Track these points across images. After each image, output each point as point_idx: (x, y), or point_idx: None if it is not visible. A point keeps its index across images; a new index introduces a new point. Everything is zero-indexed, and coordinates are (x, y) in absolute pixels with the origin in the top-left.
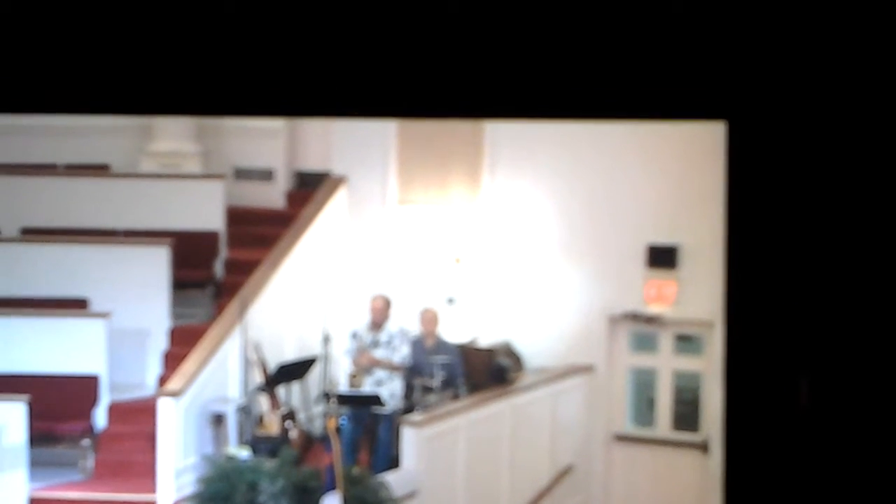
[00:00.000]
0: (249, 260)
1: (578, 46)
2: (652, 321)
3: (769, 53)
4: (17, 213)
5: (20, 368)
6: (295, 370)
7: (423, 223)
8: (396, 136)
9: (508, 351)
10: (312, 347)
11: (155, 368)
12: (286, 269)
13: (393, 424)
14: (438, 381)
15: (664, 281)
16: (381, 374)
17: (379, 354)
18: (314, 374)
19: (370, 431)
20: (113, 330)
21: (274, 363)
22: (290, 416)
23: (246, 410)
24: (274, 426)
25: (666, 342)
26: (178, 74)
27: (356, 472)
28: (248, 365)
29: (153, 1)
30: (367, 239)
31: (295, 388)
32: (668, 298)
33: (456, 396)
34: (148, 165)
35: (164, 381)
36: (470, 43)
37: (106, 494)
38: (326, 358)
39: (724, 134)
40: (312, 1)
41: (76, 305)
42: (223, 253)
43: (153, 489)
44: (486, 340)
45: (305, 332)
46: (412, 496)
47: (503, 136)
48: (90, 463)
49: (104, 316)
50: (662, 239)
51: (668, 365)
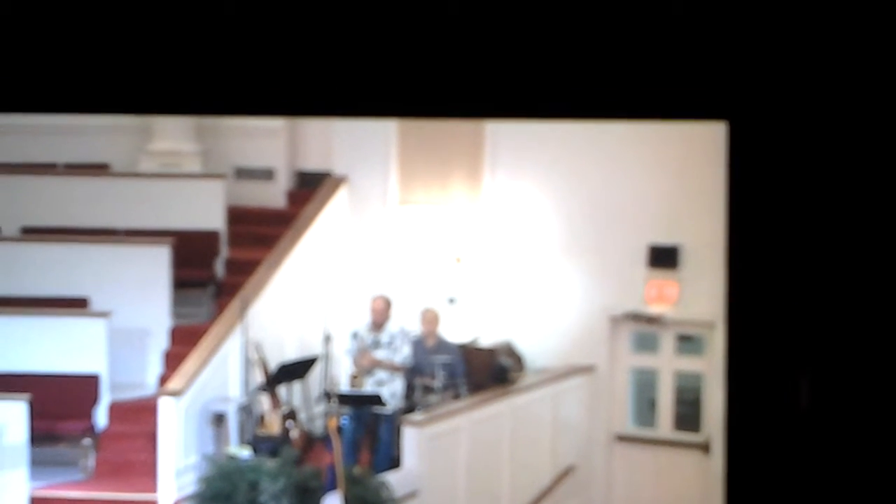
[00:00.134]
0: (250, 259)
1: (579, 47)
2: (653, 321)
3: (770, 54)
4: (17, 212)
5: (21, 368)
6: (296, 370)
7: (423, 223)
8: (397, 135)
9: (509, 351)
10: (313, 347)
11: (156, 368)
12: (287, 268)
13: (394, 424)
14: (439, 381)
15: (665, 281)
16: (382, 374)
17: (380, 355)
18: (315, 373)
19: (371, 431)
20: (113, 329)
21: (275, 363)
22: (291, 415)
23: (247, 410)
24: (275, 426)
25: (667, 342)
26: (178, 74)
27: (357, 471)
28: (248, 364)
29: (153, 1)
30: (367, 239)
31: (296, 387)
32: (669, 299)
33: (457, 396)
34: (148, 165)
35: (164, 380)
36: (471, 43)
37: (107, 494)
38: (327, 357)
39: (725, 134)
40: (313, 1)
41: (77, 305)
42: (224, 252)
43: (154, 488)
44: (487, 340)
45: (306, 331)
46: (413, 496)
47: (504, 135)
48: (91, 462)
49: (105, 315)
50: (663, 239)
51: (669, 365)
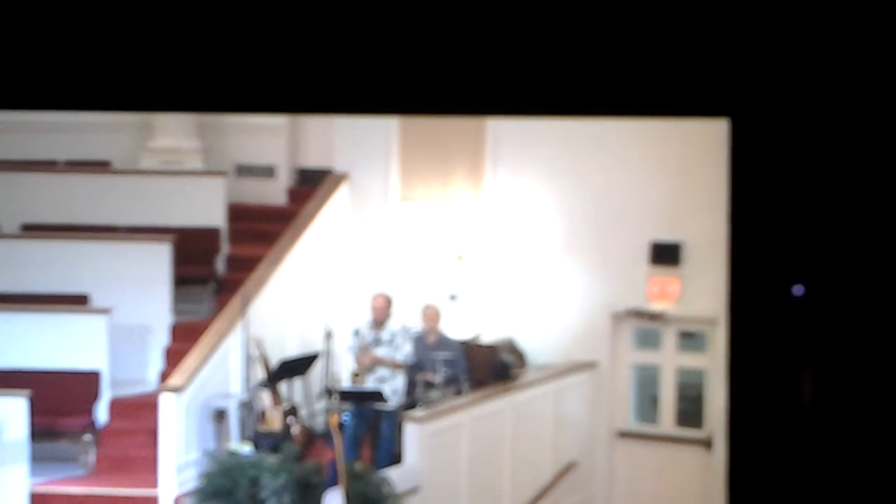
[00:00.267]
0: (251, 256)
1: (581, 44)
2: (655, 318)
3: (771, 52)
4: (17, 209)
5: (21, 364)
6: (297, 366)
7: (425, 220)
8: (398, 132)
9: (511, 347)
10: (314, 343)
11: (156, 364)
12: (288, 265)
13: (395, 420)
14: (441, 377)
15: (667, 278)
16: (383, 371)
17: (381, 352)
18: (316, 369)
19: (372, 427)
20: (114, 326)
21: (276, 359)
22: (292, 411)
23: (248, 406)
24: (276, 422)
25: (669, 339)
26: (179, 71)
27: (358, 467)
28: (249, 361)
29: None
30: (369, 235)
31: (297, 383)
32: (671, 295)
33: (459, 393)
34: (149, 162)
35: (165, 376)
36: (472, 41)
37: (107, 490)
38: (328, 354)
39: (727, 131)
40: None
41: (77, 301)
42: (225, 249)
43: (155, 484)
44: (489, 337)
45: (307, 328)
46: (414, 492)
47: (505, 132)
48: (91, 458)
49: (105, 312)
50: (666, 236)
51: (671, 362)
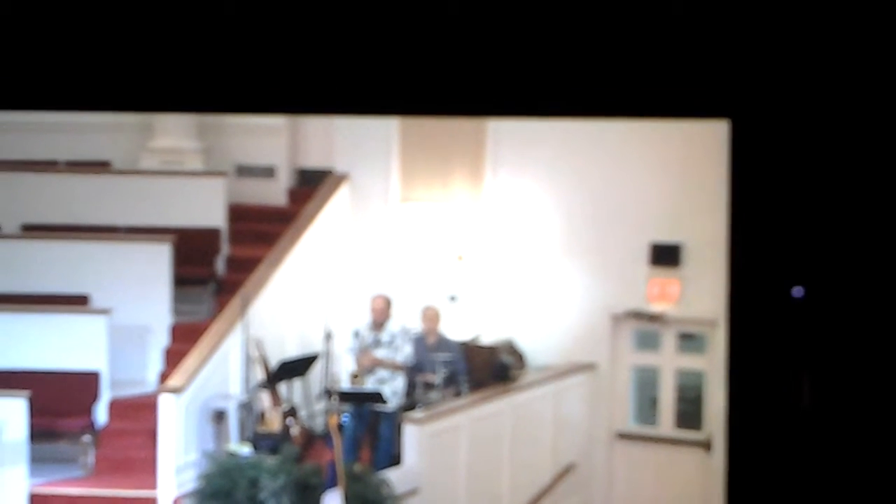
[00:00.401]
0: (251, 257)
1: (582, 45)
2: (655, 319)
3: (772, 53)
4: (18, 209)
5: (21, 364)
6: (296, 367)
7: (425, 221)
8: (399, 133)
9: (511, 349)
10: (314, 344)
11: (156, 365)
12: (288, 266)
13: (395, 422)
14: (440, 378)
15: (667, 279)
16: (383, 372)
17: (381, 354)
18: (316, 370)
19: (372, 428)
20: (114, 326)
21: (275, 360)
22: (291, 412)
23: (247, 407)
24: (275, 423)
25: (669, 340)
26: (180, 72)
27: (358, 469)
28: (249, 362)
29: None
30: (369, 236)
31: (296, 384)
32: (671, 297)
33: (458, 394)
34: (149, 162)
35: (165, 377)
36: (473, 41)
37: (106, 490)
38: (328, 355)
39: (727, 132)
40: (314, 0)
41: (77, 302)
42: (225, 250)
43: (154, 485)
44: (488, 338)
45: (307, 328)
46: (414, 493)
47: (506, 133)
48: (91, 459)
49: (105, 312)
50: (665, 237)
51: (670, 363)
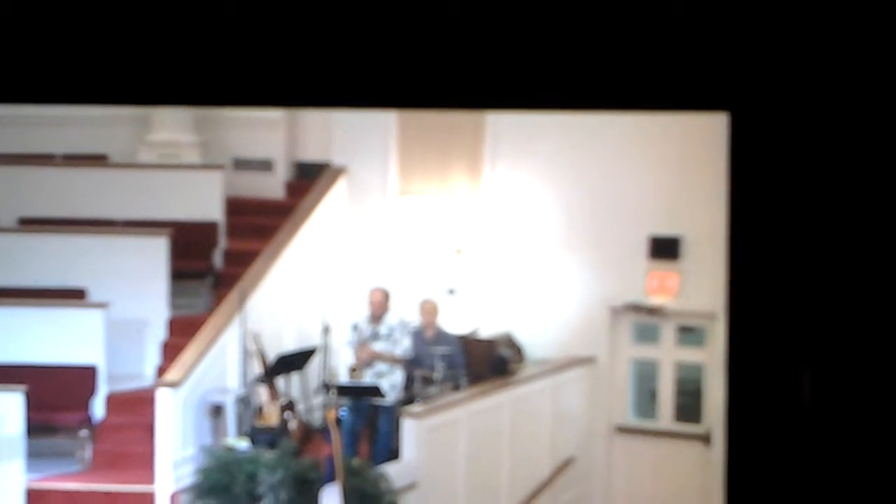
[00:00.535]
0: (249, 250)
1: (580, 37)
2: (654, 312)
3: (771, 45)
4: (15, 203)
5: (18, 358)
6: (294, 361)
7: (423, 214)
8: (397, 126)
9: (509, 342)
10: (312, 338)
11: (153, 359)
12: (286, 259)
13: (393, 416)
14: (439, 372)
15: (666, 272)
16: (381, 365)
17: (379, 347)
18: (314, 364)
19: (370, 423)
20: (111, 320)
21: (273, 354)
22: (289, 407)
23: (245, 401)
24: (273, 417)
25: (668, 334)
26: (176, 64)
27: (356, 463)
28: (247, 355)
29: None
30: (367, 230)
31: (294, 378)
32: (670, 290)
33: (456, 388)
34: (146, 156)
35: (162, 371)
36: (471, 33)
37: (103, 485)
38: (326, 349)
39: (726, 125)
40: None
41: (74, 296)
42: (222, 243)
43: (151, 480)
44: (487, 331)
45: (305, 322)
46: (412, 487)
47: (504, 126)
48: (88, 454)
49: (102, 306)
50: (664, 230)
51: (669, 356)
